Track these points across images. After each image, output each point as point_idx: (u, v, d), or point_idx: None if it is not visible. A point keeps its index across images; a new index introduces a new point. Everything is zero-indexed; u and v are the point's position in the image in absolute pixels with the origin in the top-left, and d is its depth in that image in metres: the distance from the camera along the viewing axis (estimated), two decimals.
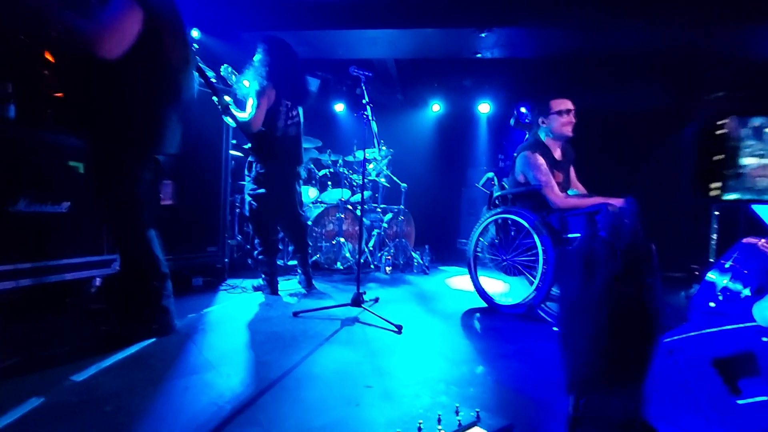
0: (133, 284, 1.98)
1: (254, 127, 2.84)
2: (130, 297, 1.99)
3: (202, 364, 1.75)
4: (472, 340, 2.29)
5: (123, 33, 1.75)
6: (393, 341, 2.16)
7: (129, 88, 1.85)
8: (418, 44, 5.13)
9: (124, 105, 1.86)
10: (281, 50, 2.95)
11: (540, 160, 2.81)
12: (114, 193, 1.90)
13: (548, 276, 2.60)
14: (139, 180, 1.94)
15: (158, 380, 1.56)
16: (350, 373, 1.72)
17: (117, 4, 1.75)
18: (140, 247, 1.97)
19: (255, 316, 2.51)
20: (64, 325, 2.17)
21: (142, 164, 1.96)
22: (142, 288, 1.98)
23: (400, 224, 4.85)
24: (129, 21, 1.76)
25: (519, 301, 2.73)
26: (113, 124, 1.86)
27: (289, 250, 4.31)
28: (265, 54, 2.89)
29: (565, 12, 4.18)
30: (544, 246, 2.64)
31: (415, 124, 7.09)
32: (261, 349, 1.95)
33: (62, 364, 1.67)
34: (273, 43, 2.94)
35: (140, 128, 1.92)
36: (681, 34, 4.26)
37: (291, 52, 3.00)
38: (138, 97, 1.89)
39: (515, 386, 1.67)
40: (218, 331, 2.21)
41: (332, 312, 2.62)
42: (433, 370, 1.80)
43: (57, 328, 2.13)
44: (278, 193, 3.04)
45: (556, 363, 1.94)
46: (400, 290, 3.56)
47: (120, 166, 1.90)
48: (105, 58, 1.72)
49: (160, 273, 2.03)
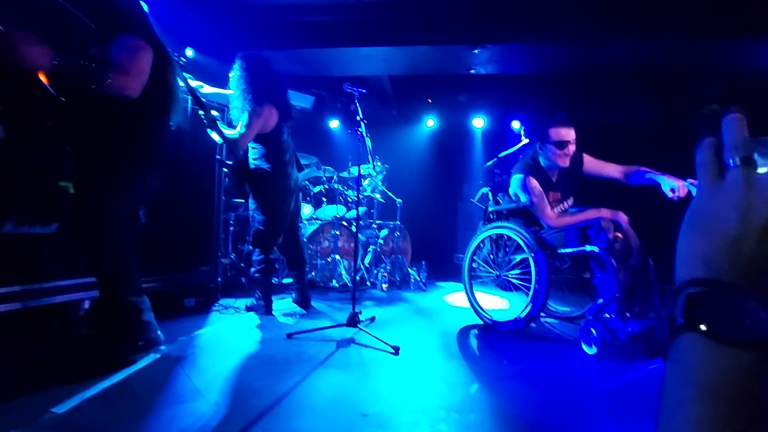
0: (112, 303, 1.93)
1: (241, 146, 2.81)
2: (111, 316, 1.94)
3: (191, 391, 1.68)
4: (471, 360, 2.23)
5: (144, 74, 1.83)
6: (390, 363, 2.10)
7: (131, 112, 1.88)
8: (412, 61, 5.17)
9: (125, 128, 1.90)
10: (259, 67, 2.89)
11: (533, 183, 2.79)
12: (100, 211, 1.87)
13: (541, 291, 2.57)
14: (126, 199, 1.95)
15: (143, 411, 1.49)
16: (346, 400, 1.66)
17: (131, 47, 1.81)
18: (117, 263, 1.93)
19: (247, 339, 2.44)
20: (48, 351, 2.09)
21: (132, 183, 1.95)
22: (121, 306, 1.93)
23: (396, 240, 4.81)
24: (146, 61, 1.84)
25: (514, 317, 2.69)
26: (112, 146, 1.88)
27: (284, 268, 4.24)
28: (243, 71, 2.84)
29: (557, 28, 4.23)
30: (536, 261, 2.62)
31: (410, 140, 7.11)
32: (252, 375, 1.88)
33: (43, 394, 1.59)
34: (251, 60, 2.89)
35: (137, 149, 1.94)
36: (672, 48, 4.31)
37: (269, 68, 2.95)
38: (138, 120, 1.92)
39: (517, 411, 1.61)
40: (209, 355, 2.14)
41: (327, 333, 2.55)
42: (432, 395, 1.73)
43: (41, 354, 2.05)
44: (290, 204, 3.02)
45: (558, 384, 1.89)
46: (397, 308, 3.50)
47: (111, 185, 1.88)
48: (129, 98, 1.79)
49: (136, 288, 1.99)
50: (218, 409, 1.53)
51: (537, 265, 2.62)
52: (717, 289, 0.36)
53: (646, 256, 2.64)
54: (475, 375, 2.00)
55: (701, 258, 0.39)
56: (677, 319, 0.38)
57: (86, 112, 1.88)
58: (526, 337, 2.70)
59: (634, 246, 2.63)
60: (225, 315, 2.97)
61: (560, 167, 2.86)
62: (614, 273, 2.38)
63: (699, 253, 0.39)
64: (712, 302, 0.36)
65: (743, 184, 0.38)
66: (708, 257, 0.38)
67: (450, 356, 2.28)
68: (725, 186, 0.39)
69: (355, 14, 4.49)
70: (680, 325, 0.37)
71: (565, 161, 2.80)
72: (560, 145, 2.75)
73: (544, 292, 2.57)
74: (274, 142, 2.93)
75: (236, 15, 4.63)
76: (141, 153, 1.96)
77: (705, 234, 0.39)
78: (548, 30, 4.25)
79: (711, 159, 0.41)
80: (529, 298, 2.63)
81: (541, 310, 2.63)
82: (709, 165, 0.41)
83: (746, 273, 0.36)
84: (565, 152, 2.77)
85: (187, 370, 1.90)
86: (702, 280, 0.38)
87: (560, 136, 2.76)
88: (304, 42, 4.75)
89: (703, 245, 0.39)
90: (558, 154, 2.77)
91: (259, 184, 2.95)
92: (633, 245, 2.62)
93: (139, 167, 1.97)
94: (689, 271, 0.39)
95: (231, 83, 2.89)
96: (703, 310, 0.36)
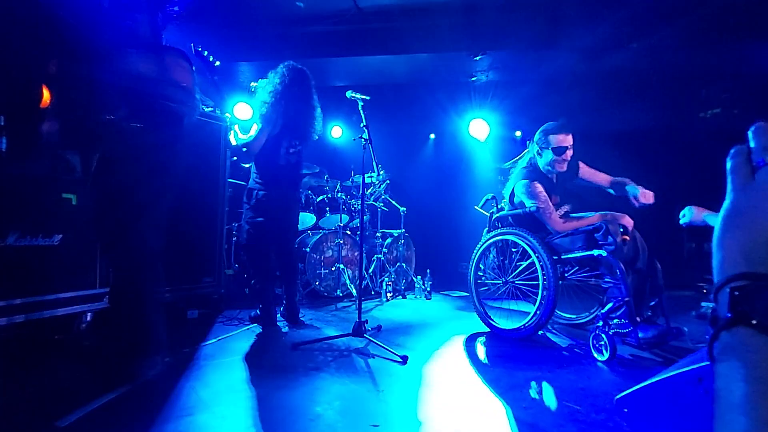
0: (139, 313, 1.87)
1: (253, 150, 2.81)
2: (131, 328, 1.87)
3: (196, 403, 1.64)
4: (480, 369, 2.19)
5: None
6: (398, 373, 2.06)
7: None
8: (414, 68, 5.19)
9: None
10: (297, 82, 2.90)
11: (539, 188, 2.77)
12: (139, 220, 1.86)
13: (549, 297, 2.53)
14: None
15: (149, 424, 1.46)
16: (354, 411, 1.62)
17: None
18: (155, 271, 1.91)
19: (252, 350, 2.40)
20: (52, 364, 2.06)
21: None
22: (141, 318, 1.87)
23: (400, 249, 4.77)
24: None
25: (521, 324, 2.65)
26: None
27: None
28: (282, 79, 2.87)
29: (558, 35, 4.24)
30: (543, 267, 2.59)
31: (413, 148, 7.10)
32: (259, 386, 1.84)
33: (47, 407, 1.56)
34: (293, 72, 2.91)
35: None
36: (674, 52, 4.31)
37: (306, 88, 2.96)
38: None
39: (532, 420, 1.57)
40: (214, 366, 2.10)
41: (333, 343, 2.52)
42: (443, 406, 1.69)
43: (45, 367, 2.02)
44: (279, 220, 2.98)
45: (570, 392, 1.84)
46: (403, 317, 3.45)
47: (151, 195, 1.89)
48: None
49: (159, 302, 1.96)
50: (224, 421, 1.49)
51: (544, 271, 2.59)
52: (761, 282, 0.36)
53: (654, 260, 2.61)
54: (485, 383, 1.96)
55: (741, 254, 0.38)
56: (722, 314, 0.37)
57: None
58: (535, 344, 2.66)
59: (641, 249, 2.60)
60: (229, 326, 2.93)
61: (558, 172, 2.88)
62: (623, 277, 2.34)
63: (738, 250, 0.39)
64: (758, 295, 0.35)
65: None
66: (748, 252, 0.38)
67: (458, 365, 2.24)
68: (757, 185, 0.40)
69: (354, 23, 4.52)
70: (728, 320, 0.36)
71: (563, 166, 2.84)
72: (559, 151, 2.78)
73: (552, 299, 2.53)
74: (268, 155, 2.91)
75: (236, 27, 4.66)
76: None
77: (743, 231, 0.39)
78: (550, 36, 4.26)
79: (741, 162, 0.43)
80: (537, 305, 2.59)
81: (550, 316, 2.59)
82: (740, 168, 0.42)
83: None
84: (563, 158, 2.80)
85: (192, 381, 1.87)
86: (744, 274, 0.37)
87: (559, 141, 2.78)
88: (306, 52, 4.77)
89: (741, 242, 0.39)
90: (557, 159, 2.80)
91: (246, 195, 3.00)
92: (640, 248, 2.60)
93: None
94: (730, 268, 0.39)
95: (261, 84, 2.93)
96: (750, 303, 0.35)
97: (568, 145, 2.79)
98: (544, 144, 2.83)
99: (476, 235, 3.27)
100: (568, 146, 2.79)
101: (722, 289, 0.38)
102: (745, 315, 0.35)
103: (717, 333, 0.37)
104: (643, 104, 4.94)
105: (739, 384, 0.33)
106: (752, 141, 0.42)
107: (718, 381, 0.36)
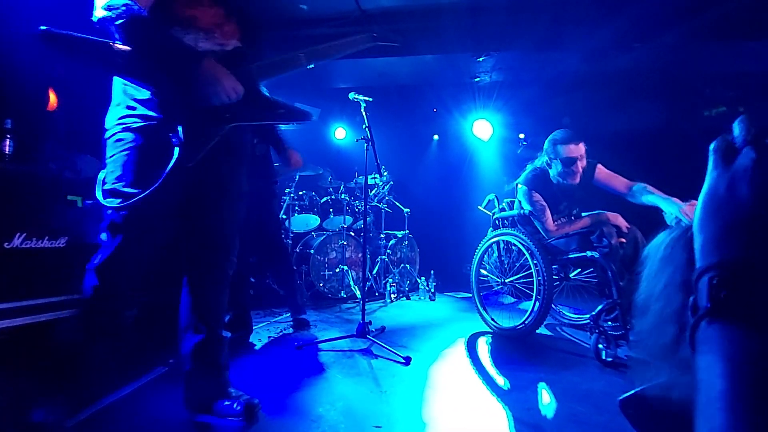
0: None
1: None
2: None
3: None
4: (483, 370, 2.19)
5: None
6: (401, 374, 2.06)
7: None
8: (417, 70, 5.19)
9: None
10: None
11: (536, 197, 2.75)
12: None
13: (542, 296, 2.56)
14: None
15: (154, 424, 1.48)
16: (357, 412, 1.62)
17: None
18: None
19: (257, 350, 2.42)
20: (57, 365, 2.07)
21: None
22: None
23: (404, 250, 4.78)
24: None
25: (518, 323, 2.67)
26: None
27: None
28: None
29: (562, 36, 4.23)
30: (537, 266, 2.62)
31: (417, 149, 7.10)
32: (261, 387, 1.85)
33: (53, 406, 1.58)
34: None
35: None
36: (677, 51, 4.29)
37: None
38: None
39: (535, 422, 1.57)
40: None
41: (337, 344, 2.52)
42: (446, 407, 1.70)
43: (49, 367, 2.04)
44: (257, 214, 2.80)
45: (573, 393, 1.84)
46: (407, 318, 3.46)
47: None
48: None
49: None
50: (228, 422, 1.50)
51: (538, 271, 2.62)
52: (738, 270, 0.35)
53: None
54: (488, 385, 1.96)
55: (721, 239, 0.38)
56: (701, 304, 0.37)
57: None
58: (538, 345, 2.66)
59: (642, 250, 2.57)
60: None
61: (571, 184, 2.74)
62: (614, 279, 2.34)
63: (718, 235, 0.38)
64: (736, 285, 0.35)
65: (756, 158, 0.38)
66: (726, 237, 0.38)
67: (461, 365, 2.24)
68: (737, 166, 0.40)
69: (357, 25, 4.53)
70: (707, 309, 0.36)
71: (575, 179, 2.68)
72: (568, 162, 2.64)
73: (545, 298, 2.56)
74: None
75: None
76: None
77: (722, 213, 0.39)
78: (554, 37, 4.25)
79: (723, 145, 0.42)
80: (533, 303, 2.62)
81: (545, 315, 2.60)
82: (720, 150, 0.42)
83: (765, 248, 0.35)
84: (573, 169, 2.65)
85: None
86: (722, 262, 0.37)
87: (569, 152, 2.63)
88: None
89: (720, 225, 0.38)
90: (567, 171, 2.66)
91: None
92: (641, 249, 2.58)
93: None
94: (710, 254, 0.38)
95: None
96: (728, 293, 0.35)
97: (578, 155, 2.62)
98: (553, 154, 2.71)
99: (480, 235, 3.28)
100: (578, 156, 2.62)
101: (701, 278, 0.37)
102: (723, 305, 0.35)
103: (697, 323, 0.37)
104: (647, 104, 4.92)
105: (718, 380, 0.33)
106: (735, 129, 0.42)
107: (698, 373, 0.35)
